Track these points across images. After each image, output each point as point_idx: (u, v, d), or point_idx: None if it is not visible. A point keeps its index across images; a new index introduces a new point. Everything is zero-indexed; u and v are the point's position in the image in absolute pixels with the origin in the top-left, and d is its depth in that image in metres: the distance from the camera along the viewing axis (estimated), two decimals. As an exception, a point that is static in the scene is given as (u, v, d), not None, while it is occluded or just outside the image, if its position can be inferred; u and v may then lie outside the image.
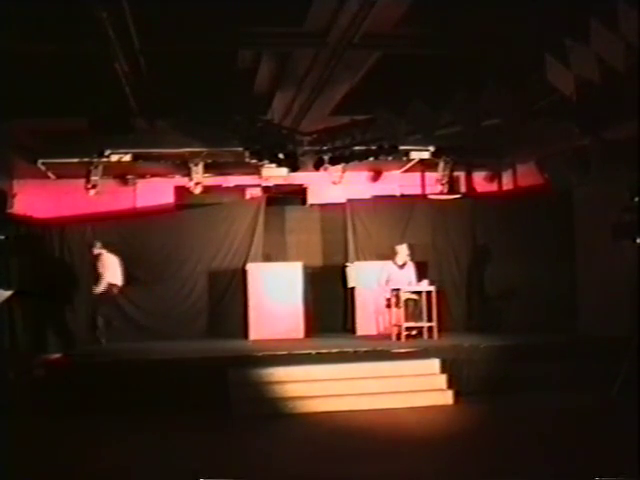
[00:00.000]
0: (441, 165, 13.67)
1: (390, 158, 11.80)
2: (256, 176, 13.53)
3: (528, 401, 9.17)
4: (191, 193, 13.36)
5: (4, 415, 8.34)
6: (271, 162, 11.76)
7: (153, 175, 13.82)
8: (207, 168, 13.19)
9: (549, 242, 12.45)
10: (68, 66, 8.37)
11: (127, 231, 12.81)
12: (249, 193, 14.20)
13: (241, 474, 6.43)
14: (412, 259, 11.92)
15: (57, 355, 10.40)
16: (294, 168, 11.85)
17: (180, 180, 13.68)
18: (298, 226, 12.99)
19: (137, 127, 10.14)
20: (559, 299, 12.24)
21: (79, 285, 12.57)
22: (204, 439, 7.78)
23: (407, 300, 11.37)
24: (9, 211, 12.16)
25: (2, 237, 10.70)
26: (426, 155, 13.05)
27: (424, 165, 13.86)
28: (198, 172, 13.12)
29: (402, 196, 14.41)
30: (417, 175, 14.56)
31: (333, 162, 11.86)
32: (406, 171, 14.23)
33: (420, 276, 11.82)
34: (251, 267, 12.40)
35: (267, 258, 12.97)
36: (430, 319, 11.22)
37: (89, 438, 7.91)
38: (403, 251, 11.82)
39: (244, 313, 12.25)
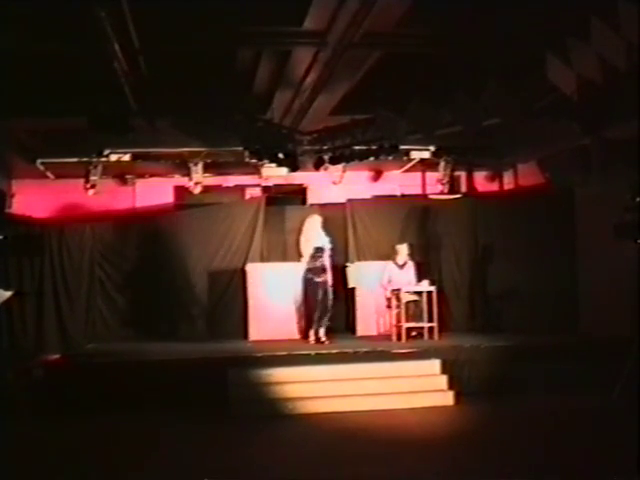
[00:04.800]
0: (442, 165, 13.64)
1: (390, 158, 11.76)
2: (256, 176, 13.51)
3: (529, 402, 9.16)
4: (191, 193, 13.32)
5: (3, 416, 8.32)
6: (271, 162, 11.72)
7: (152, 175, 13.80)
8: (207, 168, 13.15)
9: (550, 242, 12.43)
10: (68, 66, 8.35)
11: (126, 231, 12.78)
12: (249, 193, 14.18)
13: (241, 474, 6.42)
14: (412, 259, 11.90)
15: (56, 355, 10.37)
16: (294, 168, 11.81)
17: (179, 180, 13.65)
18: (298, 226, 12.94)
19: (136, 127, 10.12)
20: (560, 299, 12.23)
21: (78, 285, 12.55)
22: (204, 439, 7.76)
23: (407, 301, 11.34)
24: (8, 211, 12.15)
25: (1, 237, 10.68)
26: (427, 155, 13.02)
27: (425, 165, 13.83)
28: (198, 172, 13.08)
29: (402, 196, 14.38)
30: (418, 175, 14.54)
31: (333, 162, 11.82)
32: (407, 171, 14.21)
33: (420, 276, 11.79)
34: (251, 267, 12.37)
35: (267, 258, 12.93)
36: (431, 319, 11.19)
37: (88, 439, 7.89)
38: (404, 251, 11.79)
39: (244, 313, 12.23)
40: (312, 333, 11.14)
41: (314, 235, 11.70)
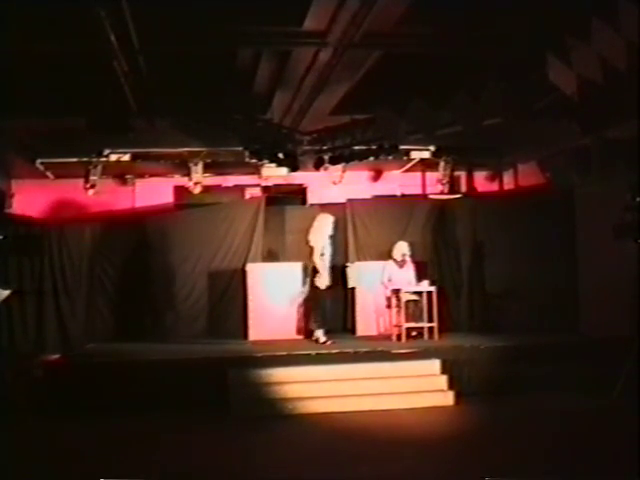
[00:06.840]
0: (442, 165, 13.63)
1: (390, 158, 11.76)
2: (256, 176, 13.50)
3: (529, 402, 9.15)
4: (190, 193, 13.31)
5: (3, 416, 8.32)
6: (271, 162, 11.71)
7: (152, 175, 13.79)
8: (206, 168, 13.14)
9: (550, 242, 12.42)
10: (67, 66, 8.34)
11: (126, 231, 12.77)
12: (249, 193, 14.17)
13: (241, 474, 6.43)
14: (412, 259, 11.88)
15: (56, 355, 10.37)
16: (294, 168, 11.80)
17: (179, 180, 13.65)
18: (298, 226, 12.94)
19: (136, 127, 10.11)
20: (560, 299, 12.23)
21: (78, 285, 12.54)
22: (204, 439, 7.76)
23: (407, 300, 11.34)
24: (8, 211, 12.15)
25: (1, 237, 10.68)
26: (427, 155, 13.01)
27: (425, 165, 13.83)
28: (197, 172, 13.07)
29: (402, 196, 14.38)
30: (418, 175, 14.53)
31: (333, 162, 11.81)
32: (406, 171, 14.20)
33: (420, 276, 11.79)
34: (251, 267, 12.36)
35: (267, 258, 12.93)
36: (430, 319, 11.19)
37: (88, 439, 7.89)
38: (402, 248, 11.78)
39: (244, 313, 12.22)
40: (314, 334, 11.09)
41: (322, 234, 11.31)
